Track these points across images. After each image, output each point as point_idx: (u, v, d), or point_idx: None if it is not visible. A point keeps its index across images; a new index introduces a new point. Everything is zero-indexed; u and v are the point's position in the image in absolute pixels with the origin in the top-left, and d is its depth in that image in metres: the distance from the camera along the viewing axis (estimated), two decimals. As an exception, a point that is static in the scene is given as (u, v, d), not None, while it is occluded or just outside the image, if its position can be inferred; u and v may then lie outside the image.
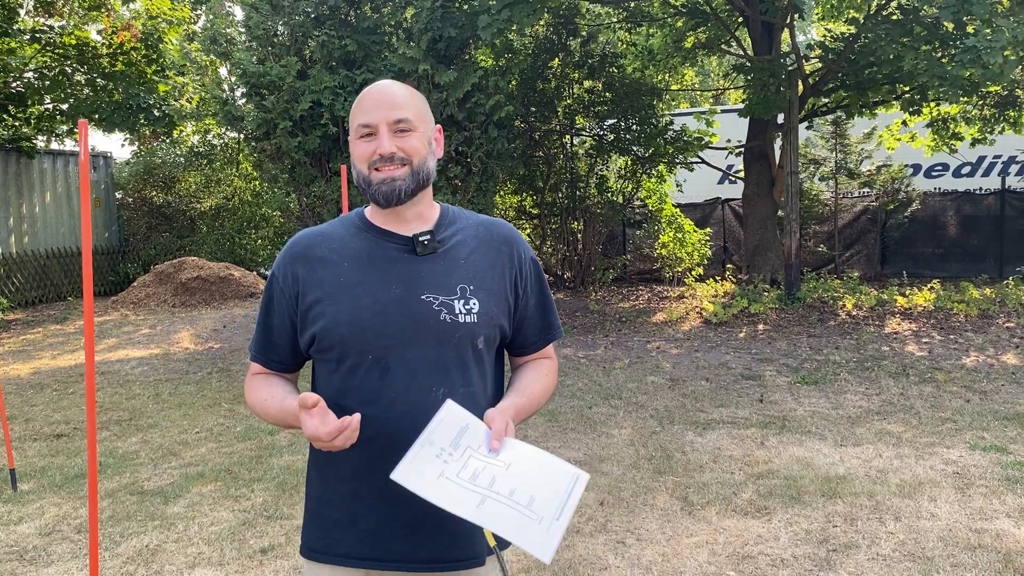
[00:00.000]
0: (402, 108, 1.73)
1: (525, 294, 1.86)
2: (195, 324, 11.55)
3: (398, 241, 1.76)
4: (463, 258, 1.78)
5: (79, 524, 4.56)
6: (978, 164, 15.81)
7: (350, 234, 1.80)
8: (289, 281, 1.77)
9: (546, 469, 1.60)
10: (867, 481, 4.88)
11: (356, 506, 1.73)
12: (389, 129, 1.71)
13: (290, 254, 1.80)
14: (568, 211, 14.16)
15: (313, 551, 1.78)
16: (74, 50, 13.55)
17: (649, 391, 7.37)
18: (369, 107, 1.73)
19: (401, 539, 1.71)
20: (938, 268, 14.58)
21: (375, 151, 1.71)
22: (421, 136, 1.75)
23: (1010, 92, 12.48)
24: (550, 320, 1.94)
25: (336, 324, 1.70)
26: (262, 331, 1.83)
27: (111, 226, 16.81)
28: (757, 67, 11.09)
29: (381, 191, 1.72)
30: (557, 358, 2.01)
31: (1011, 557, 3.81)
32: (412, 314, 1.70)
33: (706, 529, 4.25)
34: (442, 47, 10.20)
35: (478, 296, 1.75)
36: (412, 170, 1.73)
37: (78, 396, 7.74)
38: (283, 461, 5.56)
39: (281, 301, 1.78)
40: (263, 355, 1.83)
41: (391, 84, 1.78)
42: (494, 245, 1.83)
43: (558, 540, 1.49)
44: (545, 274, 1.95)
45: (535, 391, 1.85)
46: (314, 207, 10.91)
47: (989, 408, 6.46)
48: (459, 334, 1.72)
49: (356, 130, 1.74)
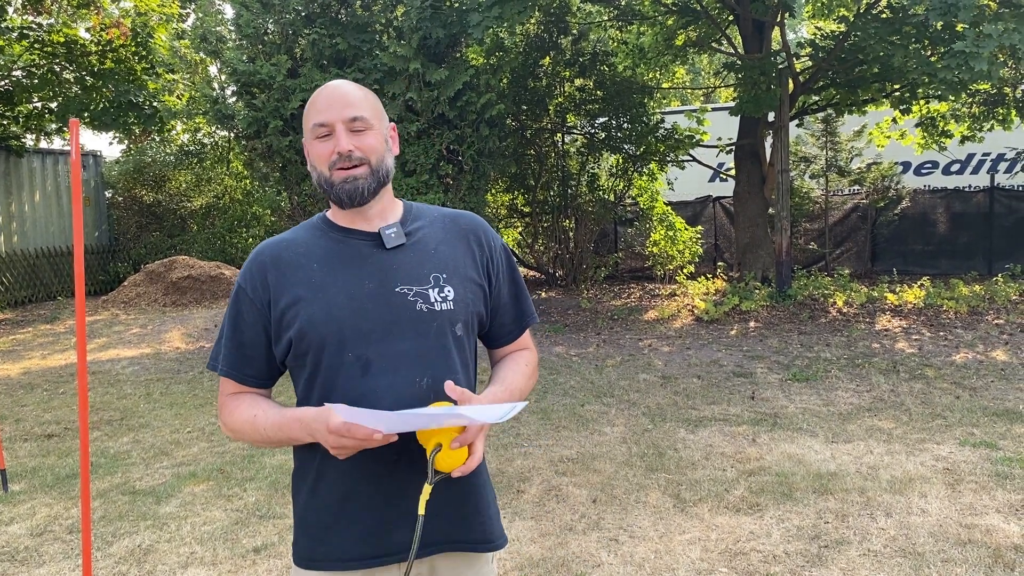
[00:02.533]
0: (356, 106, 1.72)
1: (497, 280, 1.87)
2: (186, 323, 11.51)
3: (365, 237, 1.76)
4: (432, 248, 1.78)
5: (71, 524, 4.54)
6: (967, 162, 15.88)
7: (315, 237, 1.78)
8: (259, 291, 1.74)
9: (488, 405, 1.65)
10: (858, 477, 4.90)
11: (350, 507, 1.72)
12: (345, 128, 1.71)
13: (256, 263, 1.77)
14: (560, 209, 14.17)
15: (307, 559, 1.76)
16: (63, 48, 13.47)
17: (641, 388, 7.39)
18: (323, 106, 1.72)
19: (403, 530, 1.69)
20: (928, 265, 14.66)
21: (333, 150, 1.71)
22: (377, 134, 1.74)
23: (999, 90, 12.55)
24: (524, 307, 1.94)
25: (313, 325, 1.68)
26: (233, 345, 1.77)
27: (101, 225, 16.74)
28: (748, 65, 11.11)
29: (344, 190, 1.71)
30: (539, 351, 2.00)
31: (1000, 552, 3.83)
32: (389, 307, 1.69)
33: (698, 526, 4.27)
34: (433, 45, 10.19)
35: (452, 283, 1.75)
36: (371, 168, 1.72)
37: (69, 396, 7.71)
38: (275, 460, 5.56)
39: (252, 312, 1.75)
40: (236, 370, 1.77)
41: (343, 83, 1.77)
42: (461, 234, 1.84)
43: (510, 413, 1.56)
44: (537, 272, 1.96)
45: (514, 382, 1.84)
46: (305, 205, 10.89)
47: (979, 404, 6.50)
48: (437, 322, 1.72)
49: (312, 130, 1.73)
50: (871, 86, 12.19)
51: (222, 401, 1.82)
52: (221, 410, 1.81)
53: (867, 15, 10.67)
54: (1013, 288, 10.99)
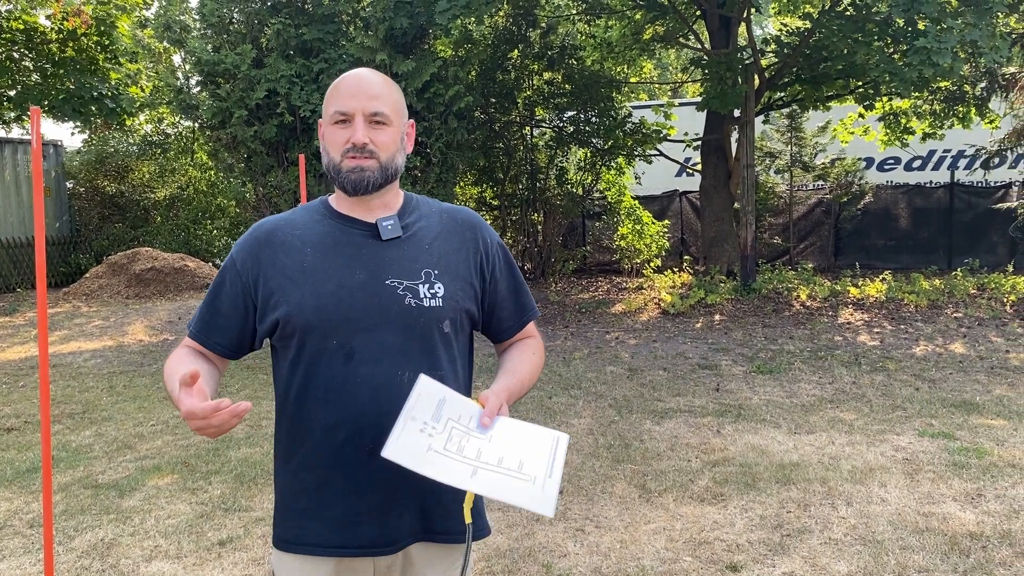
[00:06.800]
0: (380, 101, 1.73)
1: (493, 278, 1.88)
2: (149, 316, 11.37)
3: (362, 227, 1.77)
4: (427, 243, 1.79)
5: (31, 519, 4.48)
6: (929, 158, 16.16)
7: (314, 220, 1.79)
8: (248, 265, 1.75)
9: (527, 435, 1.65)
10: (820, 468, 4.98)
11: (324, 494, 1.73)
12: (365, 120, 1.71)
13: (252, 238, 1.79)
14: (528, 202, 14.20)
15: (284, 541, 1.77)
16: (22, 35, 13.22)
17: (608, 381, 7.43)
18: (347, 94, 1.73)
19: (371, 524, 1.71)
20: (890, 260, 14.91)
21: (349, 139, 1.71)
22: (395, 132, 1.76)
23: (959, 88, 12.78)
24: (524, 302, 1.95)
25: (300, 310, 1.69)
26: (208, 311, 1.79)
27: (62, 216, 16.45)
28: (714, 61, 11.20)
29: (350, 179, 1.72)
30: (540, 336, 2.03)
31: (957, 539, 3.92)
32: (377, 299, 1.70)
33: (663, 516, 4.31)
34: (400, 36, 10.14)
35: (443, 280, 1.76)
36: (381, 164, 1.73)
37: (28, 389, 7.58)
38: (241, 453, 5.52)
39: (236, 285, 1.76)
40: (203, 334, 1.79)
41: (370, 74, 1.78)
42: (458, 231, 1.85)
43: (555, 495, 1.55)
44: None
45: (523, 371, 1.86)
46: (271, 197, 10.79)
47: (937, 396, 6.63)
48: (424, 318, 1.73)
49: (331, 116, 1.74)
50: (835, 82, 12.36)
51: (175, 350, 1.82)
52: (169, 357, 1.81)
53: (831, 12, 10.81)
54: (971, 282, 11.21)
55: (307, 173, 6.59)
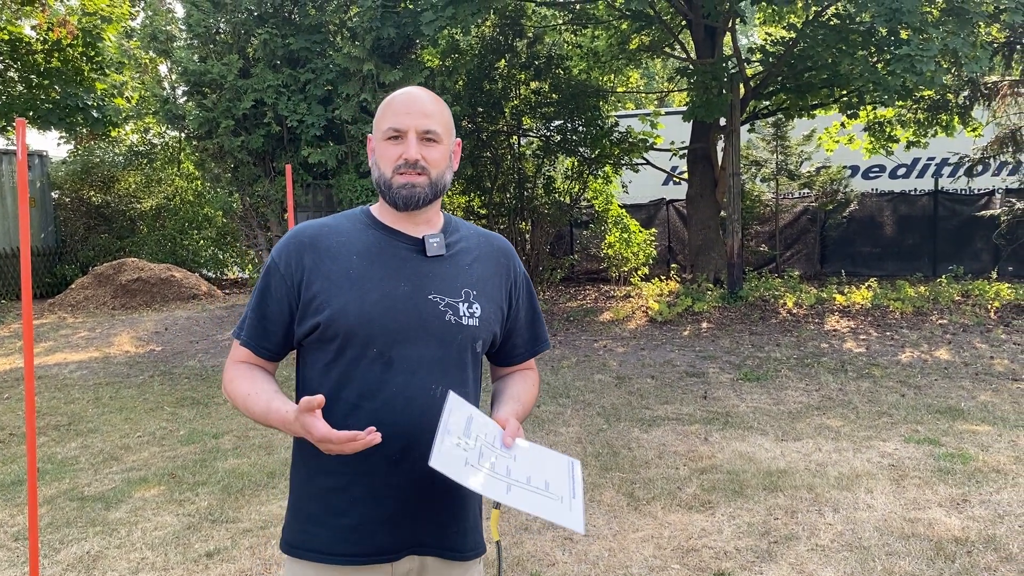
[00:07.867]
0: (432, 119, 1.77)
1: (517, 306, 1.94)
2: (136, 327, 11.31)
3: (408, 241, 1.80)
4: (467, 264, 1.84)
5: (17, 532, 4.44)
6: (913, 166, 16.28)
7: (357, 229, 1.82)
8: (292, 269, 1.77)
9: (544, 458, 1.74)
10: (807, 474, 5.00)
11: (335, 500, 1.73)
12: (418, 137, 1.76)
13: (295, 242, 1.80)
14: (516, 211, 14.20)
15: (291, 546, 1.78)
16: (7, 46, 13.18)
17: (596, 389, 7.45)
18: (401, 111, 1.77)
19: (385, 533, 1.73)
20: (875, 267, 14.99)
21: (401, 155, 1.75)
22: (444, 149, 1.80)
23: (942, 96, 12.89)
24: (538, 332, 2.01)
25: (344, 315, 1.71)
26: (257, 318, 1.81)
27: (47, 227, 16.36)
28: (700, 70, 11.26)
29: (401, 195, 1.76)
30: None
31: (942, 545, 3.95)
32: (419, 312, 1.74)
33: (651, 524, 4.32)
34: (387, 46, 10.17)
35: (480, 301, 1.81)
36: (431, 180, 1.77)
37: (13, 401, 7.53)
38: (227, 464, 5.49)
39: (280, 288, 1.78)
40: (255, 341, 1.81)
41: (422, 92, 1.82)
42: (494, 256, 1.91)
43: (582, 513, 1.66)
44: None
45: (527, 401, 1.93)
46: (258, 207, 10.78)
47: (923, 402, 6.67)
48: (461, 336, 1.77)
49: (384, 132, 1.77)
50: (820, 91, 12.44)
51: (229, 365, 1.85)
52: (225, 373, 1.84)
53: (815, 22, 10.89)
54: (956, 289, 11.29)
55: (293, 183, 6.58)
